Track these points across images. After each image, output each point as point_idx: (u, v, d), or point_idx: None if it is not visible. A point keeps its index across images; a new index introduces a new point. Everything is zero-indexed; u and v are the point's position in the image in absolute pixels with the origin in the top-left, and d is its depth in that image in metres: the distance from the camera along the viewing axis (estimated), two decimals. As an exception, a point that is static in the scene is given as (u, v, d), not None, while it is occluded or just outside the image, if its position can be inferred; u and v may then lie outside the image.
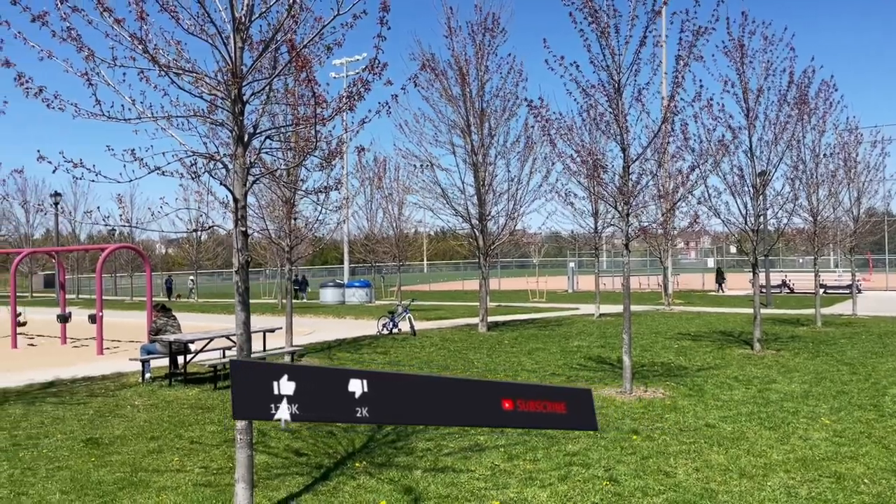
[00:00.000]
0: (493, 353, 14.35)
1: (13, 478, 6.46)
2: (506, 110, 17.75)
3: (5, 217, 57.02)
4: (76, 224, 51.98)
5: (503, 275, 50.30)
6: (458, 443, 7.34)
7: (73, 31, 4.91)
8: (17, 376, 12.58)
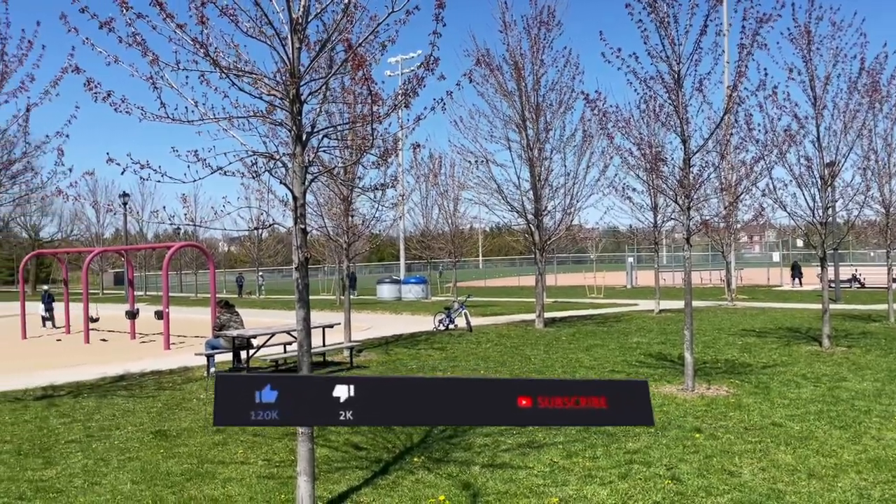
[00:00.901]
0: (550, 349, 14.24)
1: (87, 468, 6.73)
2: (562, 104, 17.55)
3: (77, 217, 59.58)
4: (144, 223, 53.84)
5: (559, 270, 49.85)
6: (515, 440, 7.31)
7: (138, 37, 5.06)
8: (90, 370, 13.12)
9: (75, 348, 17.90)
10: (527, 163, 17.72)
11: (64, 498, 5.87)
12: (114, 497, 5.86)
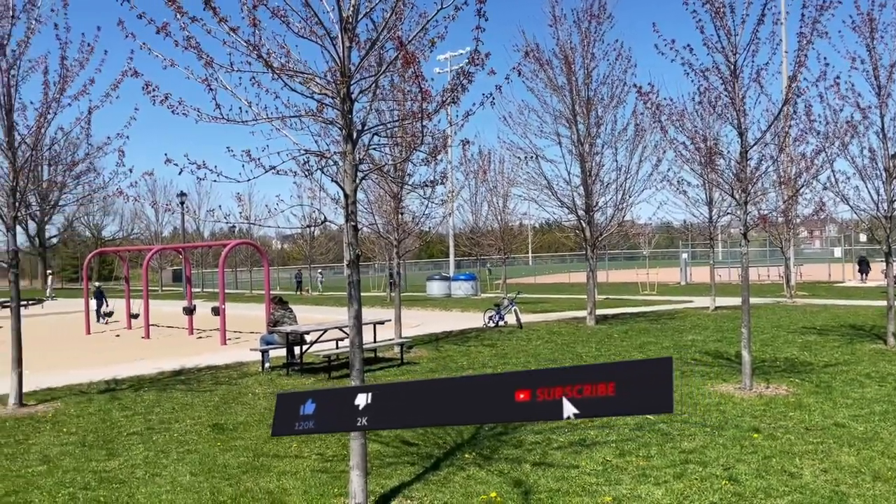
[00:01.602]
0: (601, 346, 14.07)
1: (148, 459, 6.95)
2: (613, 98, 17.29)
3: (137, 216, 61.52)
4: (200, 222, 55.31)
5: (611, 267, 49.20)
6: (566, 437, 7.25)
7: (193, 40, 5.18)
8: (150, 364, 13.53)
9: (135, 343, 18.49)
10: (577, 158, 17.53)
11: (126, 488, 6.07)
12: (173, 488, 6.03)
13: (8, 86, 9.12)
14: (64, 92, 9.42)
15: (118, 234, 66.61)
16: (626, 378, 1.91)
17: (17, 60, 9.12)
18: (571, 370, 2.00)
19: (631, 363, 1.96)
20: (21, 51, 9.11)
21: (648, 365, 1.94)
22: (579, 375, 1.96)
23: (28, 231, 10.58)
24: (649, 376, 1.91)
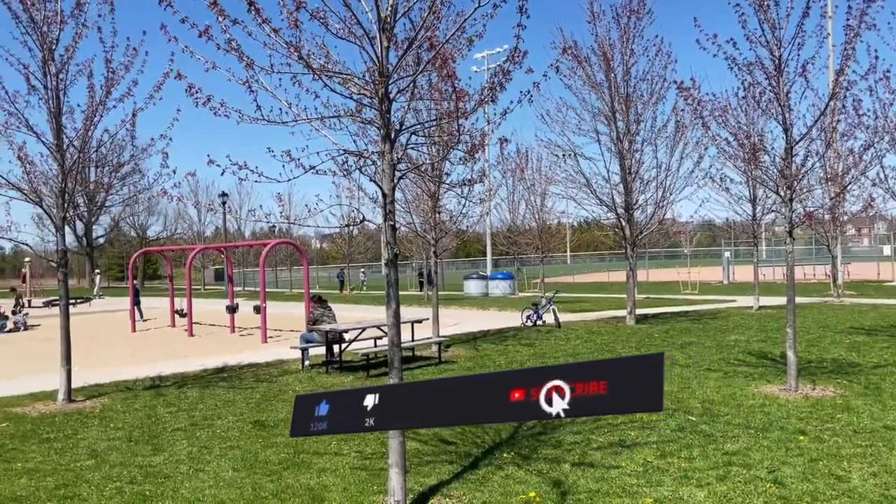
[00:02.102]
0: (642, 346, 13.90)
1: (192, 455, 7.08)
2: (653, 94, 17.06)
3: (181, 216, 62.75)
4: (242, 222, 56.14)
5: (651, 266, 48.55)
6: (606, 437, 7.17)
7: (234, 43, 5.25)
8: (193, 362, 13.79)
9: (179, 341, 18.86)
10: (616, 155, 17.34)
11: (171, 483, 6.20)
12: (216, 483, 6.14)
13: (56, 90, 9.38)
14: (110, 95, 9.65)
15: (162, 233, 67.96)
16: (618, 375, 1.90)
17: (65, 65, 9.37)
18: (564, 368, 2.01)
19: (624, 360, 1.95)
20: (69, 55, 9.36)
21: (639, 362, 1.92)
22: (573, 373, 1.96)
23: (76, 231, 10.89)
24: (639, 374, 1.89)
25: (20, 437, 7.98)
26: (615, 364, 1.95)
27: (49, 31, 9.14)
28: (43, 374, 12.45)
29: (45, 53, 9.20)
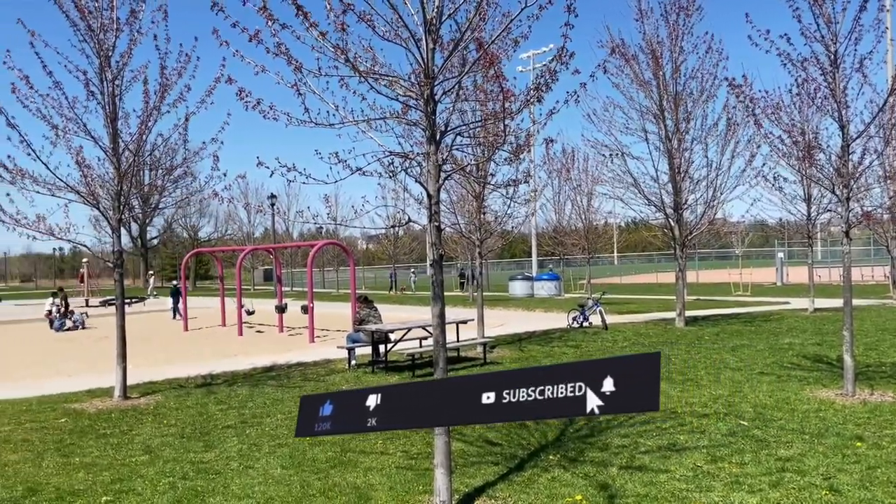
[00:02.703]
0: (691, 348, 13.64)
1: (241, 452, 7.22)
2: (703, 92, 16.73)
3: (231, 218, 64.03)
4: (290, 223, 57.01)
5: (701, 267, 47.59)
6: (655, 441, 7.06)
7: (283, 47, 5.34)
8: (243, 361, 14.06)
9: (229, 340, 19.25)
10: (665, 154, 17.06)
11: (221, 479, 6.33)
12: (265, 480, 6.24)
13: (112, 95, 9.68)
14: (163, 100, 9.92)
15: (213, 234, 69.43)
16: (601, 377, 1.90)
17: (120, 71, 9.66)
18: (544, 370, 2.02)
19: (609, 361, 1.94)
20: (124, 62, 9.65)
21: (634, 360, 1.91)
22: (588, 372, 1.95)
23: (131, 232, 11.19)
24: (627, 374, 1.88)
25: (78, 433, 8.25)
26: (597, 365, 1.96)
27: (105, 38, 9.44)
28: (99, 372, 12.86)
29: (101, 60, 9.50)
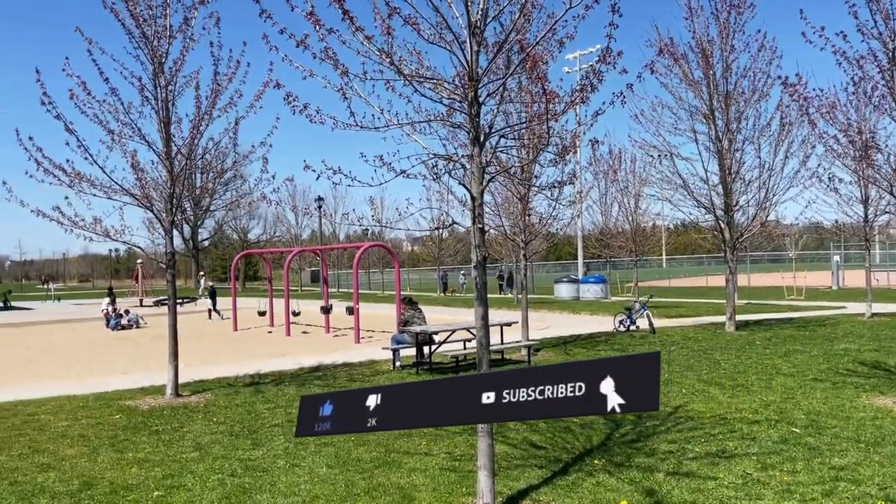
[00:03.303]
0: (742, 354, 13.34)
1: (288, 451, 7.33)
2: (755, 91, 16.34)
3: (279, 220, 65.08)
4: (336, 225, 57.73)
5: (753, 270, 46.50)
6: (703, 447, 6.93)
7: (330, 51, 5.41)
8: (290, 361, 14.28)
9: (277, 340, 19.56)
10: (715, 155, 16.72)
11: (269, 477, 6.44)
12: (311, 479, 6.33)
13: (166, 100, 9.94)
14: (215, 105, 10.15)
15: (262, 236, 70.64)
16: (602, 376, 1.90)
17: (173, 77, 9.92)
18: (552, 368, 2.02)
19: (617, 359, 1.92)
20: (177, 68, 9.90)
21: (636, 361, 1.89)
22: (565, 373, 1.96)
23: (183, 234, 11.46)
24: (627, 374, 1.87)
25: (132, 429, 8.49)
26: (595, 366, 1.96)
27: (159, 45, 9.70)
28: (152, 370, 13.21)
29: (155, 66, 9.77)
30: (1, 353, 17.83)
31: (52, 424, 8.79)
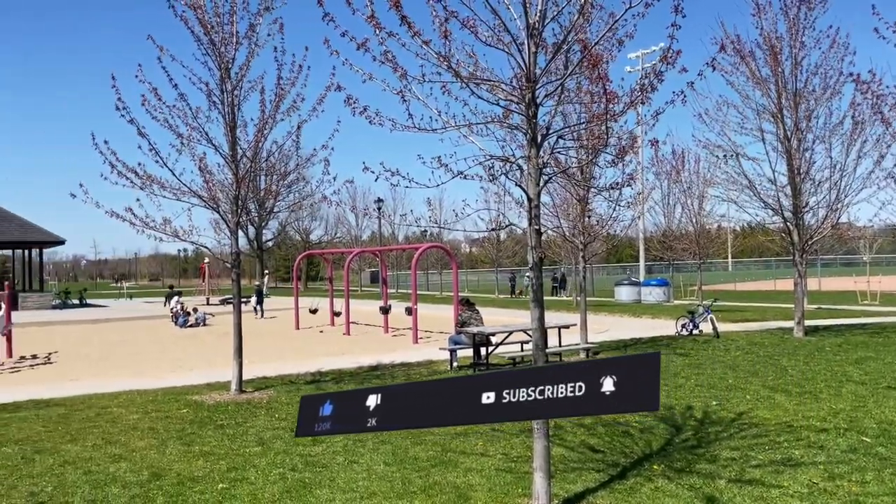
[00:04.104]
0: (810, 360, 12.89)
1: (347, 447, 7.46)
2: (826, 89, 15.78)
3: (340, 221, 66.15)
4: (395, 226, 58.26)
5: (824, 273, 44.81)
6: (767, 455, 6.74)
7: (389, 54, 5.50)
8: (350, 359, 14.50)
9: (337, 339, 19.89)
10: (784, 155, 16.22)
11: (328, 472, 6.57)
12: (369, 476, 6.43)
13: (232, 105, 10.25)
14: (278, 109, 10.41)
15: (323, 237, 71.91)
16: (603, 375, 1.91)
17: (239, 82, 10.22)
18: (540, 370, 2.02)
19: (617, 359, 1.92)
20: (242, 73, 10.20)
21: (636, 361, 1.89)
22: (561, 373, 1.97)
23: (248, 235, 11.77)
24: (627, 375, 1.87)
25: (198, 423, 8.78)
26: (597, 365, 1.97)
27: (226, 51, 10.01)
28: (217, 366, 13.63)
29: (222, 72, 10.08)
30: (78, 349, 18.68)
31: (124, 417, 9.17)
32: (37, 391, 11.26)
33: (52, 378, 13.16)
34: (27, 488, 6.24)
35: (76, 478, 6.53)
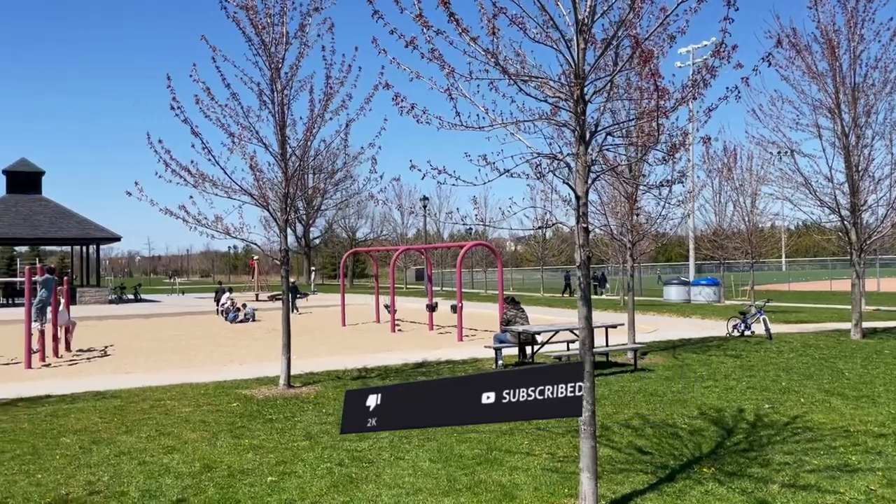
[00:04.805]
0: (868, 363, 12.47)
1: (392, 444, 7.51)
2: (887, 83, 15.24)
3: (386, 219, 66.65)
4: (441, 224, 58.43)
5: (884, 274, 43.27)
6: (822, 460, 6.55)
7: (437, 52, 5.50)
8: (396, 356, 14.60)
9: (383, 336, 20.04)
10: (841, 151, 15.72)
11: (374, 468, 6.62)
12: (414, 472, 6.46)
13: (282, 104, 10.41)
14: (327, 108, 10.53)
15: (370, 235, 72.51)
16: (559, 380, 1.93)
17: (289, 81, 10.37)
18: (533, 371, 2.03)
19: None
20: (292, 73, 10.34)
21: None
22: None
23: (296, 232, 11.94)
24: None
25: (248, 417, 8.95)
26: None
27: (276, 51, 10.16)
28: (266, 361, 13.86)
29: (272, 72, 10.25)
30: (132, 342, 19.24)
31: (177, 410, 9.40)
32: (94, 383, 11.64)
33: (109, 371, 13.58)
34: (85, 477, 6.44)
35: (131, 468, 6.73)
